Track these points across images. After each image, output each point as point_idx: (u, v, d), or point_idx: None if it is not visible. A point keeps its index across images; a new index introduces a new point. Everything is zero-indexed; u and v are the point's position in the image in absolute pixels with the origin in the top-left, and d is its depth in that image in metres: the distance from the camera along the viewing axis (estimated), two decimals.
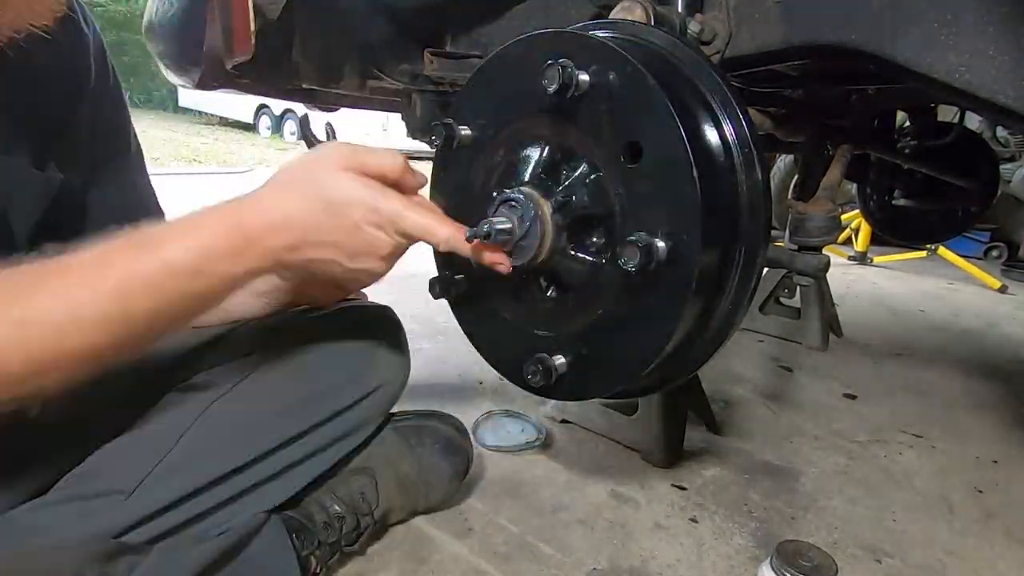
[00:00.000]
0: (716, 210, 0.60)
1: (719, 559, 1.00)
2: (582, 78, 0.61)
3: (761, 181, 0.65)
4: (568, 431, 1.36)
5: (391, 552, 0.94)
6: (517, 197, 0.65)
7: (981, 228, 4.02)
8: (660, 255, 0.57)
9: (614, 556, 0.98)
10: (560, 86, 0.60)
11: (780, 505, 1.16)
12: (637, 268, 0.57)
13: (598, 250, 0.66)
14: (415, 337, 1.96)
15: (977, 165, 1.96)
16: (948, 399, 1.76)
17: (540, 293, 0.73)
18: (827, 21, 0.73)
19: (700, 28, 0.79)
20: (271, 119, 11.66)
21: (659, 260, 0.57)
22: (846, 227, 3.90)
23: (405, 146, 1.61)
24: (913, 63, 0.67)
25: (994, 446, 1.48)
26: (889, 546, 1.06)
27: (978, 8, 0.62)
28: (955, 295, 3.21)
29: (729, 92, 0.65)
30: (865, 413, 1.62)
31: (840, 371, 1.92)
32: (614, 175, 0.63)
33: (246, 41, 0.91)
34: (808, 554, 0.79)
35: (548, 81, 0.61)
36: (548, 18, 0.98)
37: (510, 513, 1.06)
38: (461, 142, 0.73)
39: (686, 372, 0.76)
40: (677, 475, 1.23)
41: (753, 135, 0.65)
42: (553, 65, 0.60)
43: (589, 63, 0.62)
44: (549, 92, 0.61)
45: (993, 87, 0.63)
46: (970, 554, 1.07)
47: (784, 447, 1.39)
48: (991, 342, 2.40)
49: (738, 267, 0.66)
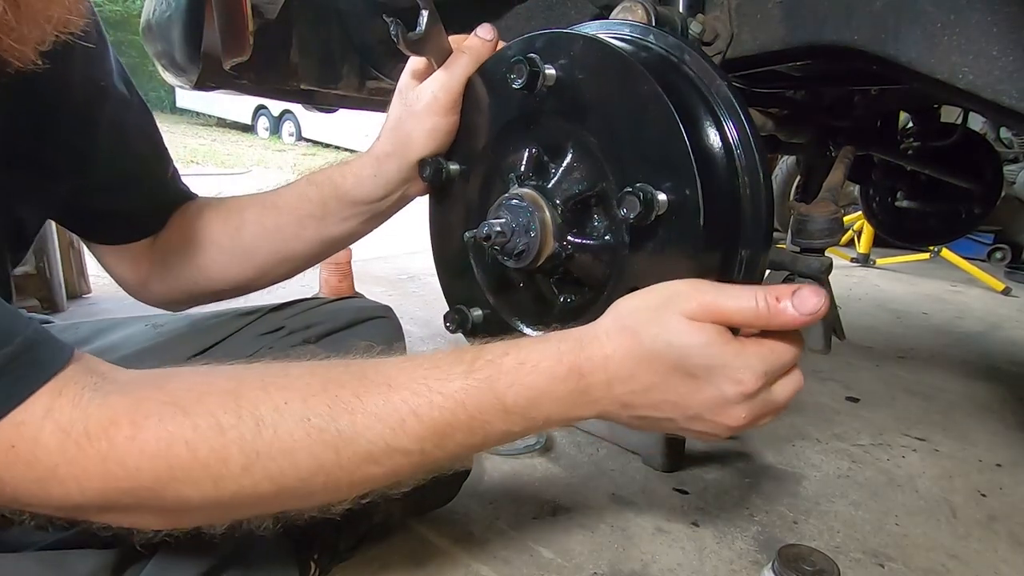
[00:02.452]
0: (717, 210, 0.59)
1: (721, 563, 0.99)
2: (548, 71, 0.62)
3: (763, 183, 0.64)
4: (569, 434, 1.36)
5: (391, 557, 0.93)
6: (514, 196, 0.65)
7: (985, 230, 4.01)
8: (660, 207, 0.57)
9: (615, 560, 0.98)
10: (526, 81, 0.61)
11: (782, 509, 1.15)
12: (638, 218, 0.56)
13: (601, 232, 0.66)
14: (415, 340, 1.96)
15: (981, 167, 1.95)
16: (951, 402, 1.75)
17: (553, 298, 0.73)
18: (829, 21, 0.73)
19: (701, 28, 0.79)
20: (269, 120, 11.68)
21: (659, 212, 0.57)
22: (849, 229, 3.89)
23: None
24: (916, 64, 0.66)
25: (997, 449, 1.47)
26: (892, 550, 1.06)
27: (981, 8, 0.62)
28: (958, 297, 3.20)
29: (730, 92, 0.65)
30: (867, 416, 1.61)
31: (842, 374, 1.91)
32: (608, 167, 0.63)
33: (244, 41, 0.90)
34: (810, 558, 0.79)
35: (515, 76, 0.62)
36: (548, 19, 0.98)
37: (510, 517, 1.06)
38: (450, 175, 0.76)
39: None
40: (678, 479, 1.22)
41: (755, 136, 0.65)
42: (517, 62, 0.61)
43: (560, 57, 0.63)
44: (516, 87, 0.62)
45: (997, 88, 0.62)
46: (973, 558, 1.06)
47: (786, 450, 1.38)
48: (994, 345, 2.39)
49: (740, 269, 0.65)
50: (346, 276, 1.98)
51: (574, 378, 0.54)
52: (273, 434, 0.49)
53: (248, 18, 0.89)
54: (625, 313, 0.56)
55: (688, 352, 0.52)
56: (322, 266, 1.91)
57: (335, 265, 1.94)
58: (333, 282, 1.96)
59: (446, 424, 0.53)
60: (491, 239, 0.65)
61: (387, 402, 0.52)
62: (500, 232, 0.65)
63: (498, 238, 0.65)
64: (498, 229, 0.65)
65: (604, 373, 0.54)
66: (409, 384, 0.53)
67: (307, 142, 10.88)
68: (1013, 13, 0.60)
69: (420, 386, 0.53)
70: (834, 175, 1.27)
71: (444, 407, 0.53)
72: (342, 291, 1.94)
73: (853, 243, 3.98)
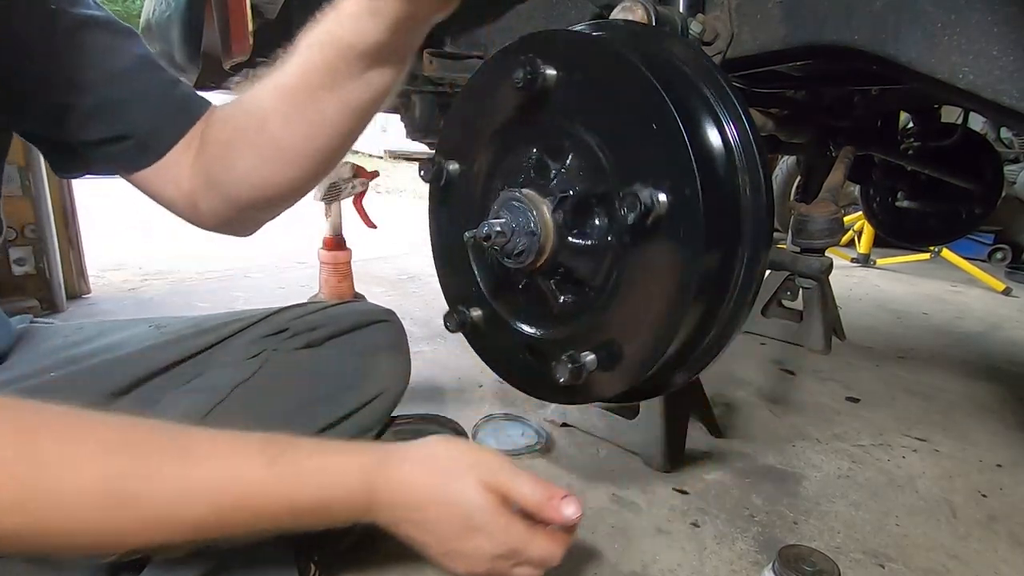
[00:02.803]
0: (718, 211, 0.59)
1: (721, 564, 0.99)
2: (548, 72, 0.62)
3: (763, 183, 0.64)
4: (568, 435, 1.35)
5: (390, 558, 0.93)
6: (514, 196, 0.65)
7: (985, 230, 4.01)
8: (660, 209, 0.57)
9: (615, 560, 0.97)
10: (526, 80, 0.61)
11: (782, 509, 1.15)
12: (637, 219, 0.56)
13: (601, 232, 0.66)
14: (415, 340, 1.96)
15: (981, 167, 1.95)
16: (951, 402, 1.75)
17: (553, 298, 0.73)
18: (829, 21, 0.73)
19: (702, 28, 0.79)
20: None
21: (658, 212, 0.57)
22: (849, 229, 3.89)
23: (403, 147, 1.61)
24: (916, 64, 0.66)
25: (998, 450, 1.47)
26: (892, 551, 1.05)
27: (982, 8, 0.62)
28: (959, 298, 3.19)
29: (731, 92, 0.65)
30: (868, 416, 1.61)
31: (843, 374, 1.90)
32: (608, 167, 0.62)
33: (244, 41, 0.90)
34: (810, 559, 0.79)
35: (515, 77, 0.62)
36: (549, 18, 0.98)
37: None
38: (450, 174, 0.75)
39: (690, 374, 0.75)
40: (678, 479, 1.22)
41: (755, 136, 0.64)
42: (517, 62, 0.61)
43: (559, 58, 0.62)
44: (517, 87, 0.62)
45: (997, 88, 0.62)
46: (973, 559, 1.06)
47: (786, 451, 1.38)
48: (995, 345, 2.38)
49: (741, 269, 0.65)
50: (346, 276, 1.98)
51: (366, 492, 0.61)
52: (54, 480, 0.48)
53: (248, 18, 0.89)
54: (439, 456, 0.66)
55: (476, 509, 0.63)
56: (322, 266, 1.92)
57: (335, 266, 1.94)
58: (333, 282, 1.96)
59: (232, 509, 0.55)
60: (491, 239, 0.65)
61: (183, 475, 0.53)
62: (500, 232, 0.65)
63: (498, 238, 0.65)
64: (498, 229, 0.65)
65: (392, 495, 0.62)
66: (208, 462, 0.55)
67: None
68: (1013, 13, 0.60)
69: (219, 467, 0.55)
70: (834, 175, 1.28)
71: (235, 493, 0.55)
72: (342, 291, 1.94)
73: (853, 243, 3.98)
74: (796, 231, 1.21)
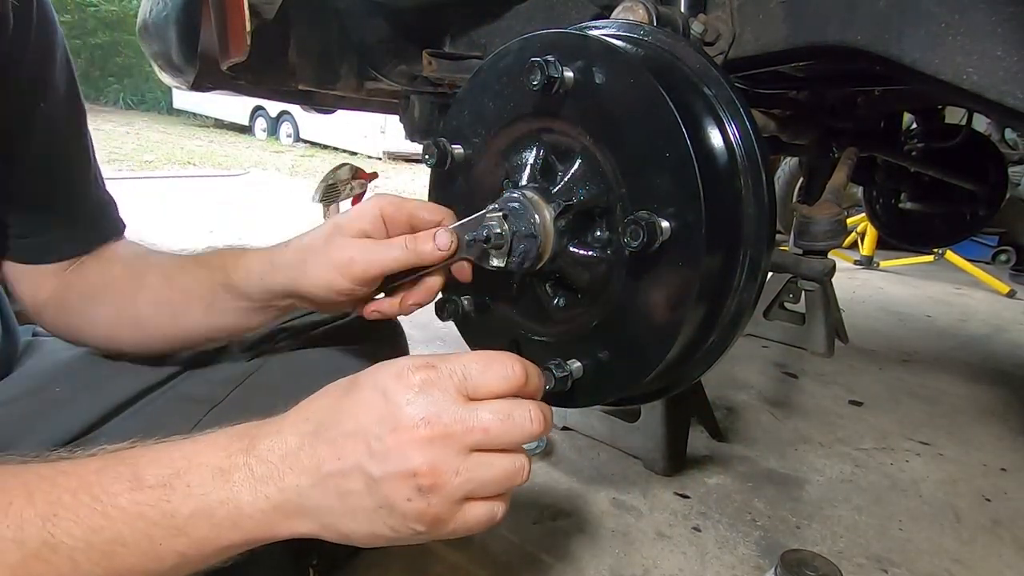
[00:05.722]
0: (719, 212, 0.58)
1: (722, 569, 0.98)
2: (567, 75, 0.60)
3: (765, 184, 0.64)
4: (569, 438, 1.35)
5: (390, 563, 0.92)
6: (516, 197, 0.64)
7: (989, 232, 4.00)
8: (664, 234, 0.56)
9: (616, 565, 0.97)
10: (543, 83, 0.60)
11: (785, 514, 1.14)
12: (640, 246, 0.55)
13: (602, 245, 0.65)
14: (414, 343, 1.95)
15: (985, 168, 1.94)
16: (955, 406, 1.74)
17: (548, 300, 0.72)
18: (832, 21, 0.72)
19: (703, 28, 0.78)
20: (267, 121, 11.64)
21: (663, 239, 0.56)
22: (852, 231, 3.88)
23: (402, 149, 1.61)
24: (919, 64, 0.65)
25: (1002, 454, 1.46)
26: (895, 555, 1.04)
27: (986, 8, 0.61)
28: (962, 300, 3.18)
29: (732, 93, 0.64)
30: (871, 420, 1.60)
31: (845, 377, 1.90)
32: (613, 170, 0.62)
33: (242, 42, 0.90)
34: (813, 564, 0.78)
35: (532, 78, 0.60)
36: (549, 18, 0.97)
37: (509, 522, 1.05)
38: (455, 159, 0.73)
39: (691, 377, 0.74)
40: (680, 483, 1.21)
41: (757, 137, 0.64)
42: (535, 63, 0.60)
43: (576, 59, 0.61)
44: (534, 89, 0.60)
45: (1001, 88, 0.61)
46: (977, 563, 1.05)
47: (789, 455, 1.37)
48: (999, 348, 2.37)
49: (743, 271, 0.64)
50: None
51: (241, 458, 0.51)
52: None
53: (246, 18, 0.88)
54: (314, 397, 0.57)
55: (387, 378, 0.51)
56: None
57: None
58: None
59: None
60: (490, 241, 0.64)
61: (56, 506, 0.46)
62: (499, 235, 0.64)
63: (497, 240, 0.64)
64: (497, 231, 0.64)
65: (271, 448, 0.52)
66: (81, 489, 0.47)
67: (305, 143, 10.84)
68: (1018, 13, 0.59)
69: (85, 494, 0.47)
70: (837, 177, 1.27)
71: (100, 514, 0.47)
72: None
73: (856, 245, 3.97)
74: (798, 233, 1.20)
